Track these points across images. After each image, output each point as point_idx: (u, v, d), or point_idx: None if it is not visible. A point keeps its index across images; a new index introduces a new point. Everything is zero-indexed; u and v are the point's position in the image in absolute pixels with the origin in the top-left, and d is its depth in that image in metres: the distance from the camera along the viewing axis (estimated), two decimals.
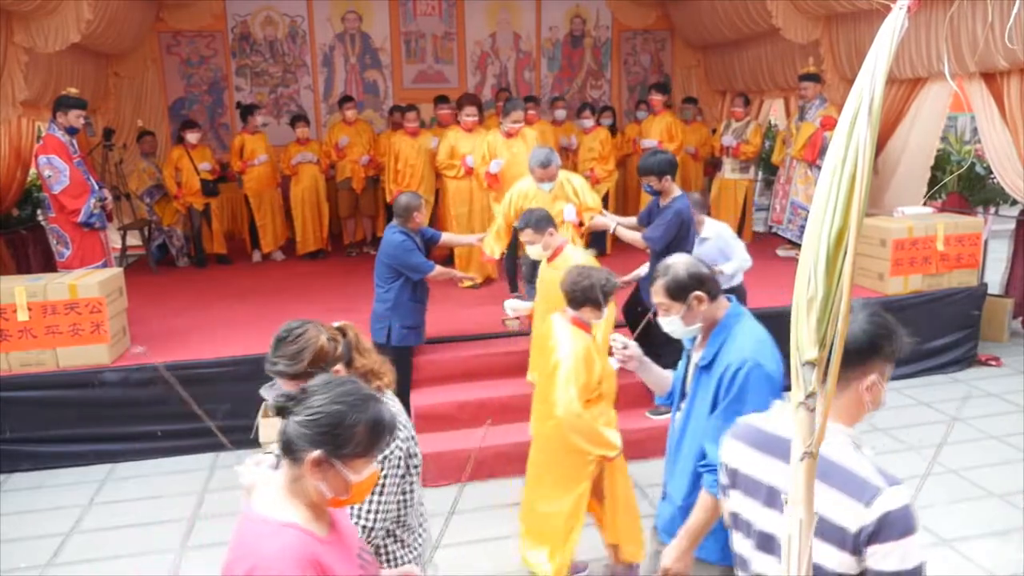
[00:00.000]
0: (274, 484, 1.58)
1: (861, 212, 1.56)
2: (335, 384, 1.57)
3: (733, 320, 2.36)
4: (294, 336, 2.01)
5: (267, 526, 1.50)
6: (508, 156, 5.98)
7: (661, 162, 4.57)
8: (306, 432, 1.50)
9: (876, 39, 1.51)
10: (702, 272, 2.34)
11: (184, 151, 7.80)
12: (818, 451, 1.65)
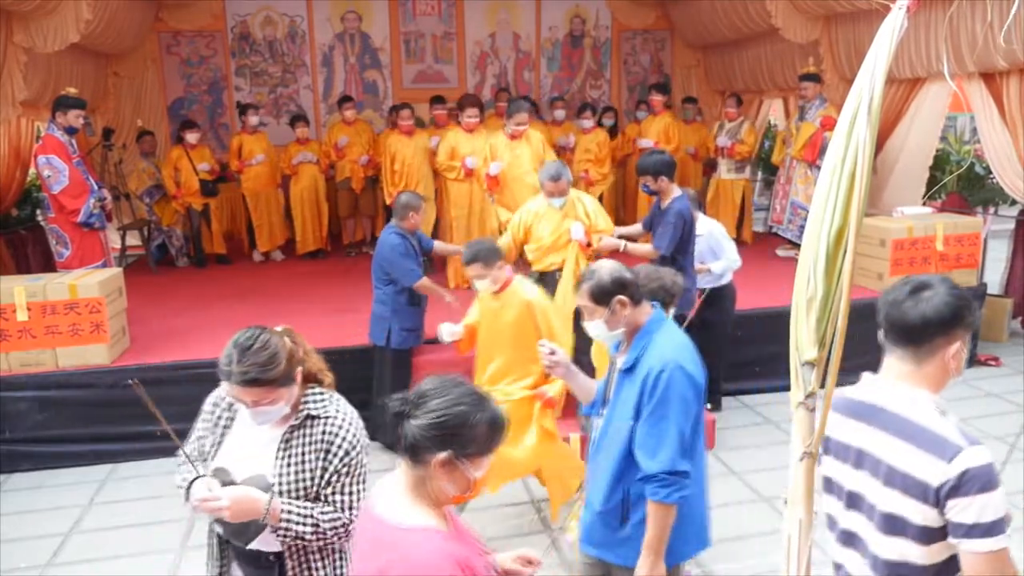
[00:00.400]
0: (393, 488, 1.60)
1: (861, 212, 1.56)
2: (451, 385, 1.58)
3: (655, 326, 2.38)
4: (262, 342, 1.94)
5: (410, 533, 1.51)
6: (510, 158, 5.93)
7: (657, 162, 4.58)
8: (432, 435, 1.51)
9: (876, 39, 1.51)
10: (625, 277, 2.37)
11: (183, 151, 7.80)
12: (817, 451, 1.65)
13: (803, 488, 1.59)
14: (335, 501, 2.02)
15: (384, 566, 1.49)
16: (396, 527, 1.53)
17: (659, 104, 8.12)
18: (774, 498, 4.20)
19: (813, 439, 1.57)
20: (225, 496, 1.90)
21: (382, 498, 1.61)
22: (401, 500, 1.57)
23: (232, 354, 1.93)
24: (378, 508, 1.60)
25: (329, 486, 2.02)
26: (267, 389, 1.94)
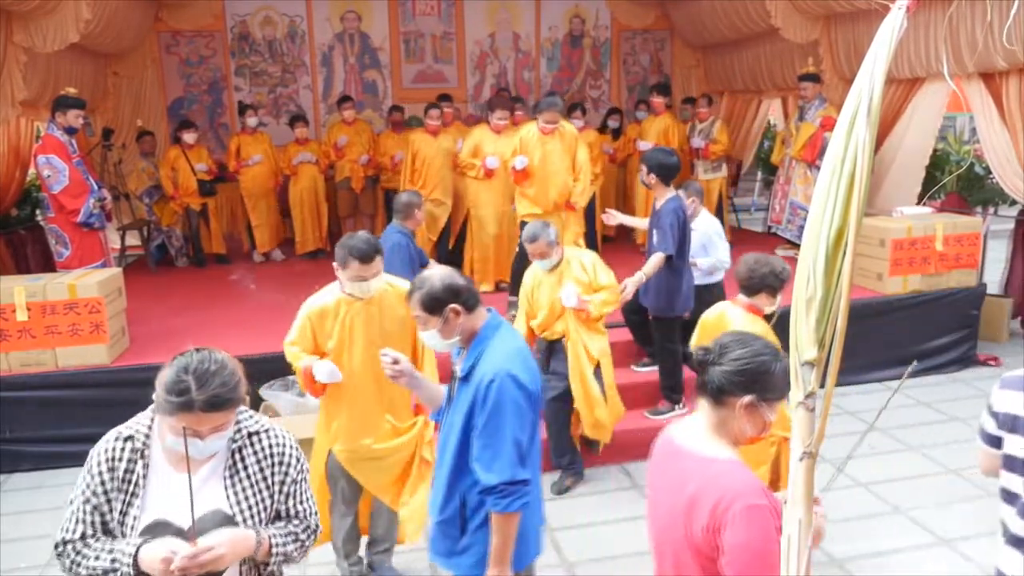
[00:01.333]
0: (694, 426, 1.79)
1: (860, 212, 1.56)
2: (750, 338, 1.79)
3: (491, 331, 2.32)
4: (218, 361, 1.83)
5: (718, 463, 1.70)
6: (541, 153, 5.68)
7: (656, 159, 4.62)
8: (737, 380, 1.71)
9: (875, 39, 1.51)
10: (458, 284, 2.30)
11: (180, 151, 7.79)
12: (817, 451, 1.65)
13: (803, 488, 1.59)
14: (301, 511, 1.99)
15: (696, 491, 1.66)
16: (704, 458, 1.71)
17: (660, 105, 8.11)
18: None
19: (813, 439, 1.57)
20: (217, 542, 1.74)
21: (684, 434, 1.81)
22: (704, 436, 1.76)
23: (187, 381, 1.74)
24: (682, 442, 1.78)
25: (291, 497, 1.97)
26: (230, 411, 1.83)
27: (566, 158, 5.71)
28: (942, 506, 4.11)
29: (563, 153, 5.69)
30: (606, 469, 4.66)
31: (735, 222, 9.68)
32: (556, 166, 5.66)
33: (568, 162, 5.71)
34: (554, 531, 3.99)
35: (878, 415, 2.53)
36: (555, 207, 5.69)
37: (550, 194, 5.66)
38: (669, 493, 1.76)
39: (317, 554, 3.80)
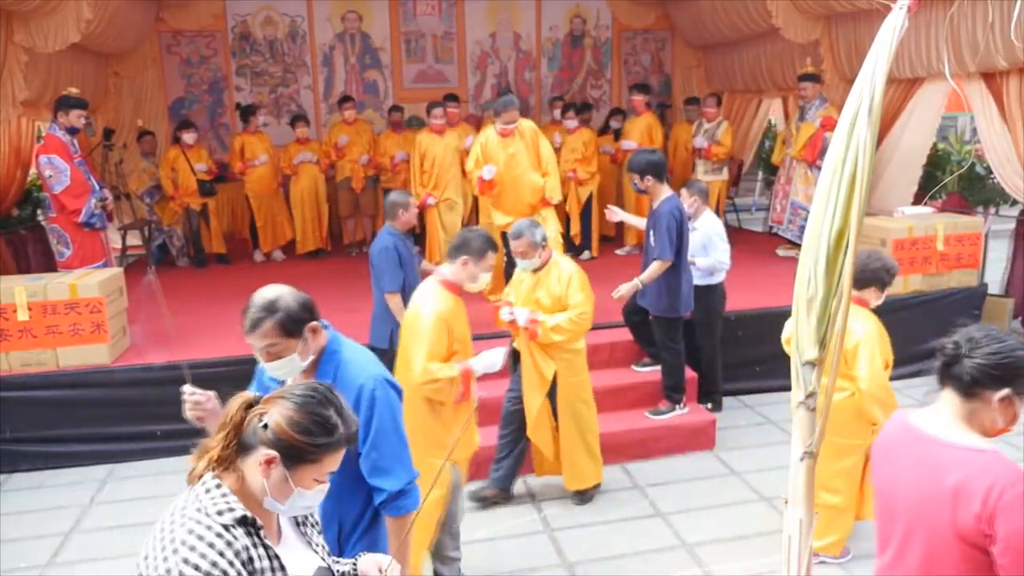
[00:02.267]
0: (939, 417, 1.82)
1: (861, 212, 1.56)
2: (1001, 334, 1.80)
3: (337, 343, 2.20)
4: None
5: (981, 453, 1.72)
6: (504, 158, 5.55)
7: (643, 162, 4.60)
8: (995, 373, 1.72)
9: (876, 39, 1.51)
10: (309, 299, 2.13)
11: (180, 151, 7.78)
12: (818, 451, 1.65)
13: (804, 488, 1.59)
14: None
15: (963, 480, 1.67)
16: (965, 448, 1.73)
17: (640, 104, 8.02)
18: (774, 498, 4.20)
19: (814, 439, 1.57)
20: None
21: (929, 424, 1.83)
22: (954, 427, 1.78)
23: (331, 415, 1.59)
24: (930, 432, 1.80)
25: None
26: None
27: (531, 156, 5.51)
28: None
29: (527, 152, 5.51)
30: (606, 469, 4.65)
31: (736, 222, 9.68)
32: (523, 167, 5.47)
33: (533, 159, 5.51)
34: (554, 531, 3.99)
35: None
36: (531, 209, 5.50)
37: (523, 197, 5.49)
38: (919, 481, 1.78)
39: None
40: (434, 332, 3.12)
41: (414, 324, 3.19)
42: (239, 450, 1.54)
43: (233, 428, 1.54)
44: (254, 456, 1.52)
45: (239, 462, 1.55)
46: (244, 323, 2.07)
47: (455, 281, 3.28)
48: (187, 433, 4.44)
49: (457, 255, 3.28)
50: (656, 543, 3.82)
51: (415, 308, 3.24)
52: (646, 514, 4.16)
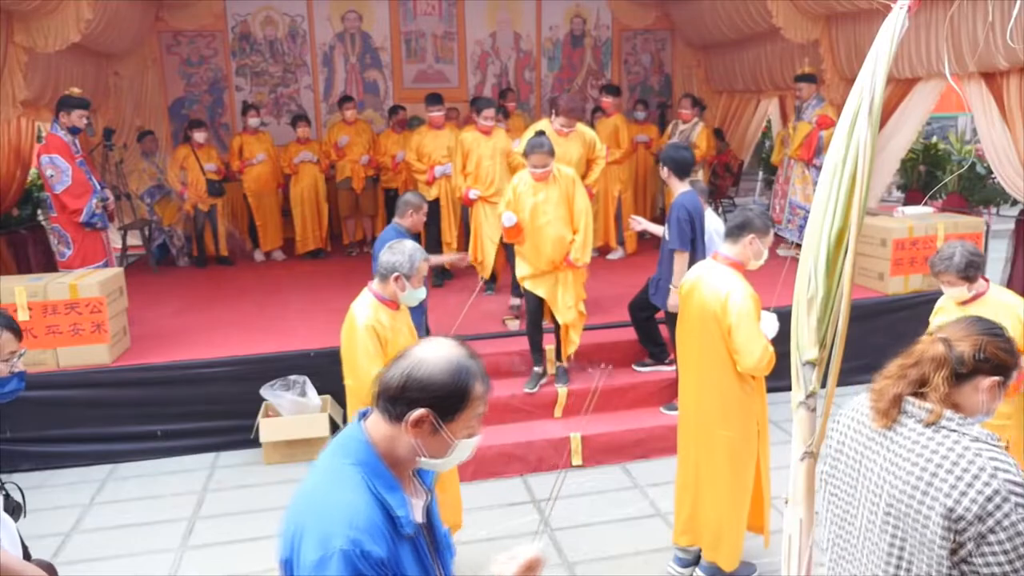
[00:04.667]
0: None
1: (861, 212, 1.56)
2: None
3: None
4: None
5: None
6: (532, 203, 4.81)
7: (667, 153, 4.66)
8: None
9: (876, 39, 1.51)
10: None
11: (190, 150, 7.77)
12: (818, 451, 1.65)
13: (804, 488, 1.59)
14: None
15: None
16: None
17: (609, 105, 7.93)
18: (775, 498, 4.20)
19: (814, 439, 1.57)
20: None
21: None
22: None
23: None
24: None
25: None
26: None
27: (561, 207, 4.72)
28: None
29: (558, 202, 4.73)
30: (606, 469, 4.65)
31: None
32: (549, 217, 4.70)
33: (564, 211, 4.73)
34: (554, 531, 3.99)
35: None
36: (552, 266, 4.76)
37: (544, 251, 4.73)
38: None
39: None
40: None
41: None
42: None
43: (942, 365, 1.72)
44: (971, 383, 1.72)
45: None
46: None
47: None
48: (187, 433, 4.47)
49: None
50: (656, 543, 3.82)
51: None
52: (646, 514, 4.16)
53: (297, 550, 1.40)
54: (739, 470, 3.30)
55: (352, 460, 1.47)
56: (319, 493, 1.45)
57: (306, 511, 1.43)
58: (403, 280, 3.18)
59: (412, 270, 3.17)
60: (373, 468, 1.46)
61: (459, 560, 3.73)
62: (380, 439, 1.49)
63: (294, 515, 1.46)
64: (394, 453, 1.48)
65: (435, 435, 1.46)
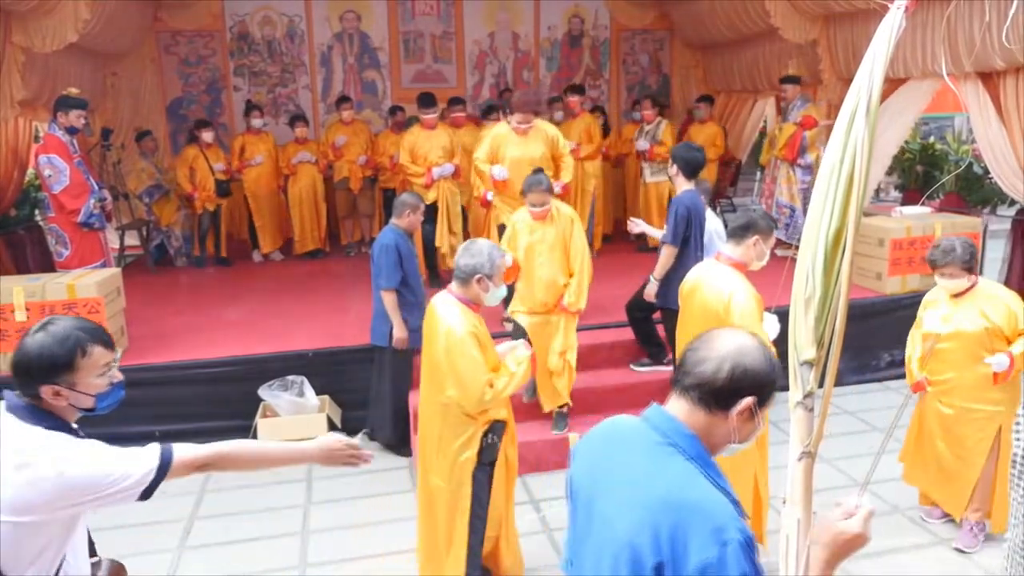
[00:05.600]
0: None
1: (859, 211, 1.56)
2: None
3: None
4: None
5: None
6: (527, 242, 4.70)
7: (678, 152, 4.67)
8: None
9: (874, 39, 1.52)
10: None
11: (199, 151, 7.74)
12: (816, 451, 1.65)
13: (802, 488, 1.59)
14: None
15: None
16: None
17: (576, 105, 7.92)
18: (773, 498, 4.20)
19: (812, 439, 1.57)
20: None
21: None
22: None
23: None
24: None
25: None
26: None
27: (557, 249, 4.51)
28: None
29: (555, 244, 4.50)
30: None
31: None
32: (543, 258, 4.50)
33: (559, 253, 4.51)
34: (554, 531, 4.00)
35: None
36: (544, 308, 4.56)
37: (536, 293, 4.55)
38: None
39: (316, 553, 3.81)
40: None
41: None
42: None
43: None
44: None
45: None
46: None
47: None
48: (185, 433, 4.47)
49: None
50: None
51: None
52: None
53: (679, 551, 1.33)
54: (737, 474, 3.29)
55: (686, 456, 1.45)
56: (676, 491, 1.39)
57: (670, 511, 1.37)
58: (486, 281, 3.08)
59: (493, 269, 3.09)
60: (705, 460, 1.47)
61: None
62: (700, 429, 1.48)
63: (649, 518, 1.37)
64: (711, 441, 1.50)
65: (750, 421, 1.50)
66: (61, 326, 1.89)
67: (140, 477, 1.84)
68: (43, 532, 1.75)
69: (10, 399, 1.84)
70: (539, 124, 5.43)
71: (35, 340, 1.84)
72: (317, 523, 4.11)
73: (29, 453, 1.73)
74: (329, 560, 3.75)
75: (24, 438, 1.77)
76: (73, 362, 1.87)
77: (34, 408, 1.83)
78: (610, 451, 1.54)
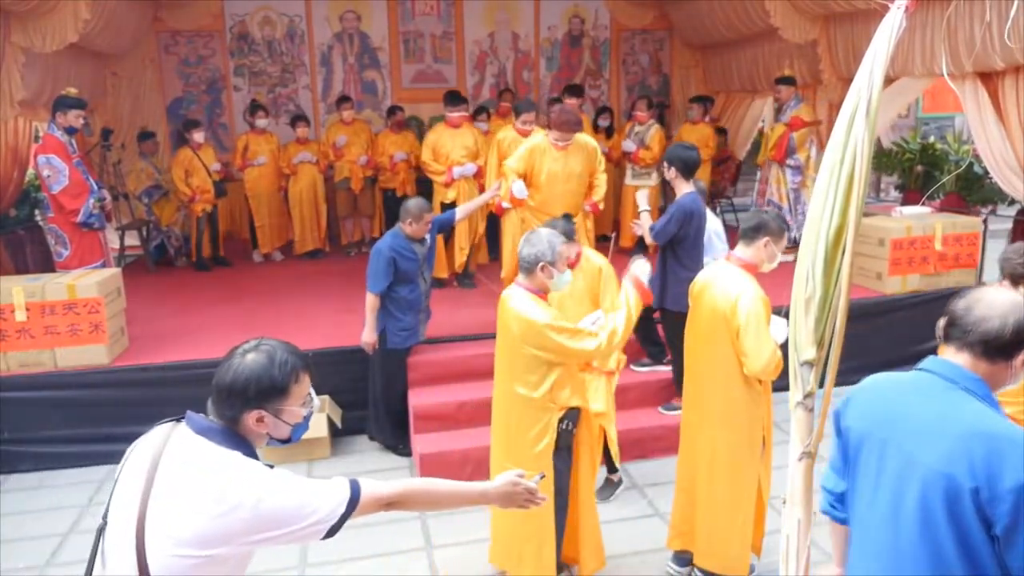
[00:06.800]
0: None
1: (859, 211, 1.56)
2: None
3: None
4: None
5: None
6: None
7: (673, 153, 4.66)
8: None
9: (874, 38, 1.52)
10: None
11: (193, 152, 7.69)
12: (816, 451, 1.65)
13: (802, 488, 1.59)
14: None
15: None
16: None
17: (575, 107, 7.86)
18: (774, 498, 4.20)
19: (812, 439, 1.57)
20: None
21: None
22: None
23: None
24: None
25: None
26: None
27: (584, 303, 4.00)
28: None
29: (581, 296, 4.04)
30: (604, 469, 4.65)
31: (735, 222, 9.68)
32: (568, 313, 3.96)
33: (586, 307, 3.90)
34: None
35: None
36: None
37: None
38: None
39: (317, 554, 3.81)
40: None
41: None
42: None
43: None
44: None
45: None
46: None
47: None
48: None
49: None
50: (655, 543, 3.82)
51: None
52: (645, 514, 4.16)
53: (994, 474, 1.52)
54: (738, 476, 3.28)
55: (977, 397, 1.65)
56: (981, 424, 1.59)
57: (982, 440, 1.56)
58: (549, 268, 3.11)
59: (555, 255, 3.11)
60: (993, 401, 1.67)
61: (459, 560, 3.75)
62: (987, 376, 1.68)
63: (962, 447, 1.56)
64: (991, 385, 1.70)
65: None
66: (276, 348, 1.78)
67: (328, 512, 1.69)
68: (225, 566, 1.63)
69: (199, 421, 1.74)
70: (579, 138, 5.26)
71: (252, 361, 1.74)
72: None
73: (228, 482, 1.61)
74: (329, 560, 3.74)
75: (222, 464, 1.64)
76: (287, 388, 1.75)
77: (230, 432, 1.72)
78: (900, 398, 1.72)
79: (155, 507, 1.61)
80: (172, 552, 1.57)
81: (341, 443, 5.00)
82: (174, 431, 1.71)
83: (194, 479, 1.61)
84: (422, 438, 4.65)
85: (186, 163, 7.66)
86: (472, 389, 4.89)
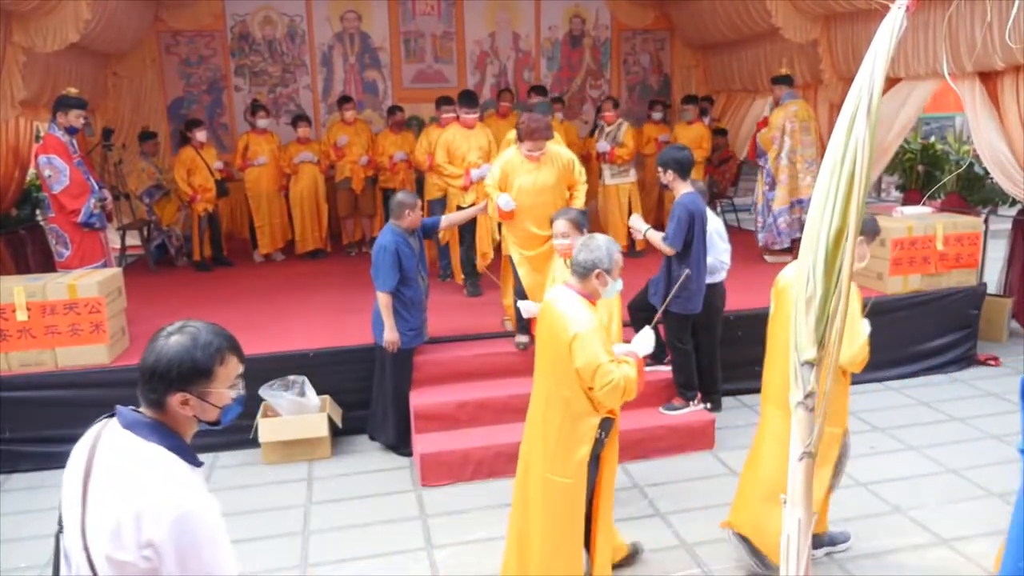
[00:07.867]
0: None
1: (860, 211, 1.56)
2: None
3: None
4: None
5: None
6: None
7: (668, 156, 4.65)
8: None
9: (875, 38, 1.52)
10: None
11: (195, 151, 7.69)
12: (817, 451, 1.65)
13: (803, 488, 1.59)
14: None
15: None
16: None
17: (507, 110, 7.91)
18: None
19: (812, 439, 1.57)
20: None
21: None
22: None
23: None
24: None
25: None
26: None
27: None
28: (942, 506, 4.10)
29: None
30: None
31: (735, 222, 9.69)
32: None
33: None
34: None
35: None
36: None
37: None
38: None
39: (317, 554, 3.81)
40: None
41: None
42: None
43: None
44: None
45: None
46: None
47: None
48: None
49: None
50: (656, 543, 3.82)
51: None
52: (645, 514, 4.16)
53: None
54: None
55: None
56: None
57: None
58: (604, 275, 3.05)
59: (612, 264, 3.07)
60: None
61: (459, 560, 3.75)
62: None
63: None
64: None
65: None
66: (201, 330, 1.73)
67: None
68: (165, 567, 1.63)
69: (127, 415, 1.70)
70: (552, 149, 4.95)
71: (176, 343, 1.69)
72: (317, 523, 4.11)
73: (152, 482, 1.62)
74: (329, 560, 3.74)
75: (147, 462, 1.65)
76: (212, 369, 1.71)
77: (155, 424, 1.70)
78: None
79: (92, 507, 1.61)
80: (110, 553, 1.58)
81: (341, 443, 5.00)
82: (105, 428, 1.71)
83: (124, 477, 1.61)
84: (423, 438, 4.65)
85: (189, 162, 7.66)
86: (472, 389, 4.90)
